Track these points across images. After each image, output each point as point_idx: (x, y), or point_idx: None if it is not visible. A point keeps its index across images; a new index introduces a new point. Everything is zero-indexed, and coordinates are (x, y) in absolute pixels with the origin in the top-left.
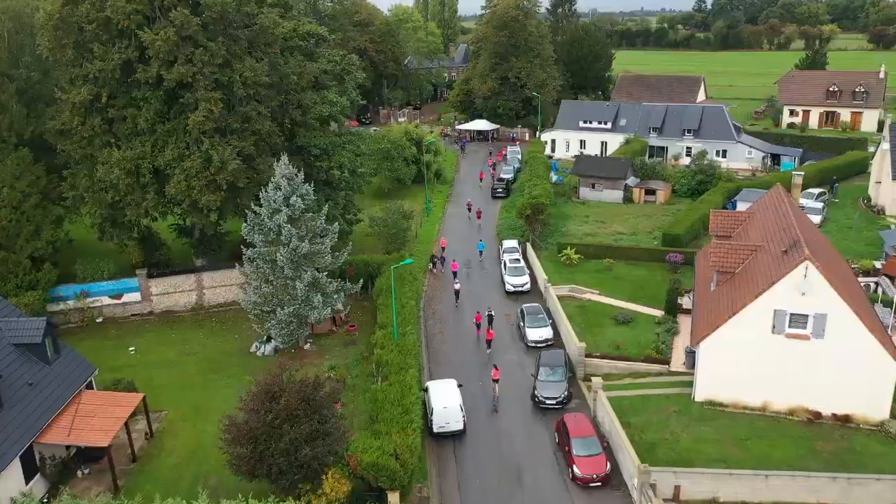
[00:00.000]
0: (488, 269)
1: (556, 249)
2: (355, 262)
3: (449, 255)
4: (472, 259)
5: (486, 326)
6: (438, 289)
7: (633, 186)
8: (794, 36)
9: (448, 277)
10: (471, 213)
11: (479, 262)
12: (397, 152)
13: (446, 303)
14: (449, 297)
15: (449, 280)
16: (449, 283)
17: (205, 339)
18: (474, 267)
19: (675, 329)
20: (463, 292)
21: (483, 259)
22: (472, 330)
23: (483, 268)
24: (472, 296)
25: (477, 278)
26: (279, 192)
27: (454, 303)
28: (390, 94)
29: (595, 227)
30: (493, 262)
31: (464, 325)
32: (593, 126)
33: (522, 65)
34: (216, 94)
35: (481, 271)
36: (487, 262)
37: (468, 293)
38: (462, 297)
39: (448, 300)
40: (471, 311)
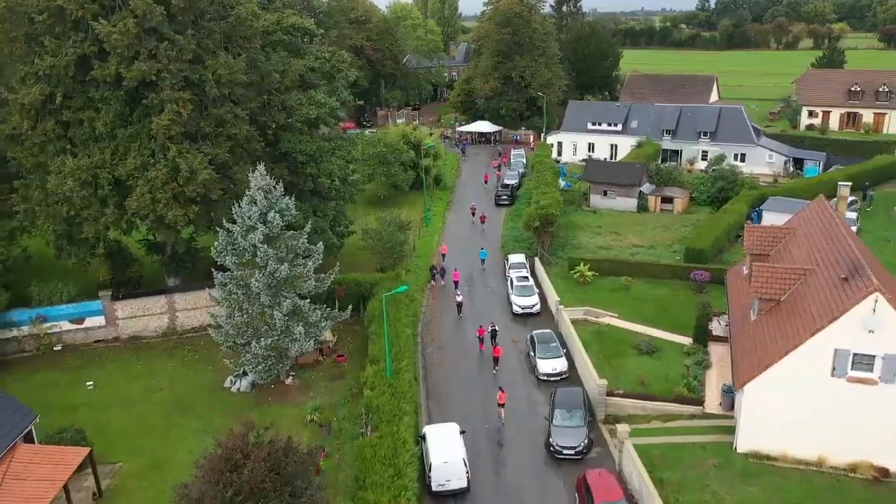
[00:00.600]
0: (490, 279)
1: (568, 265)
2: (345, 281)
3: (450, 264)
4: (473, 269)
5: (490, 342)
6: (438, 308)
7: (648, 194)
8: (802, 35)
9: (449, 292)
10: (474, 218)
11: (480, 272)
12: (394, 156)
13: (447, 325)
14: (450, 317)
15: (450, 296)
16: (450, 299)
17: (174, 372)
18: (476, 278)
19: (706, 361)
20: (465, 305)
21: (486, 268)
22: (476, 351)
23: (485, 277)
24: (474, 309)
25: (479, 292)
26: (254, 206)
27: (456, 315)
28: (388, 94)
29: (609, 239)
30: (496, 274)
31: (467, 343)
32: (602, 128)
33: (526, 63)
34: (184, 95)
35: (483, 281)
36: (490, 272)
37: (469, 308)
38: (465, 310)
39: (449, 322)
40: (474, 327)
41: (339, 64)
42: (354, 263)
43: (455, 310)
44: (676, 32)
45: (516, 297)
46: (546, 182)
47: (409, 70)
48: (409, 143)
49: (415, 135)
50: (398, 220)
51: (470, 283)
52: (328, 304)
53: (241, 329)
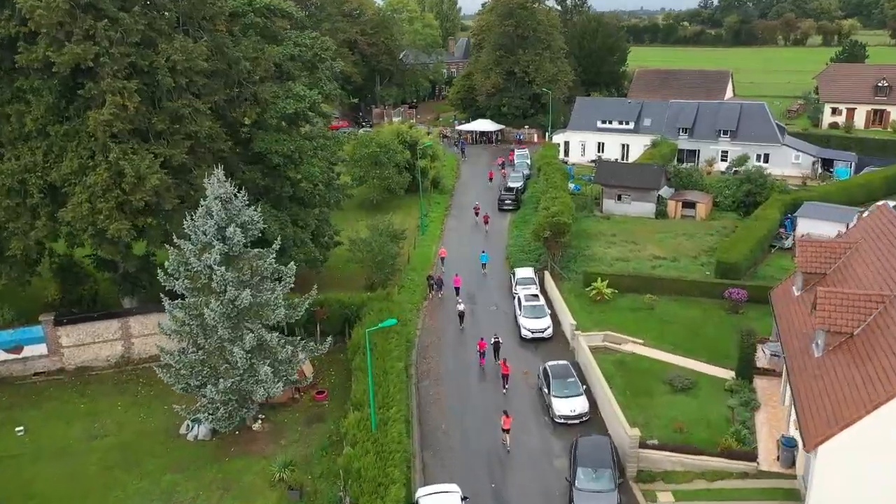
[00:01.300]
0: (493, 291)
1: (583, 281)
2: (328, 302)
3: (450, 269)
4: (474, 276)
5: (493, 356)
6: (436, 328)
7: (667, 198)
8: (810, 32)
9: (448, 306)
10: (477, 218)
11: (481, 278)
12: (387, 157)
13: (446, 348)
14: (450, 337)
15: (449, 311)
16: (449, 315)
17: (123, 412)
18: (476, 290)
19: (754, 402)
20: (467, 314)
21: (487, 273)
22: (479, 376)
23: (487, 286)
24: (476, 329)
25: (481, 310)
26: (210, 220)
27: (458, 326)
28: (384, 91)
29: (626, 249)
30: (499, 283)
31: (470, 369)
32: (613, 126)
33: (530, 58)
34: (130, 84)
35: (485, 292)
36: (493, 280)
37: (471, 327)
38: (466, 320)
39: (449, 344)
40: (477, 342)
41: (322, 52)
42: (341, 278)
43: (456, 320)
44: (681, 29)
45: (525, 318)
46: (555, 185)
47: (405, 66)
48: (405, 142)
49: (410, 134)
50: (391, 228)
51: (471, 297)
52: (307, 331)
53: (195, 368)
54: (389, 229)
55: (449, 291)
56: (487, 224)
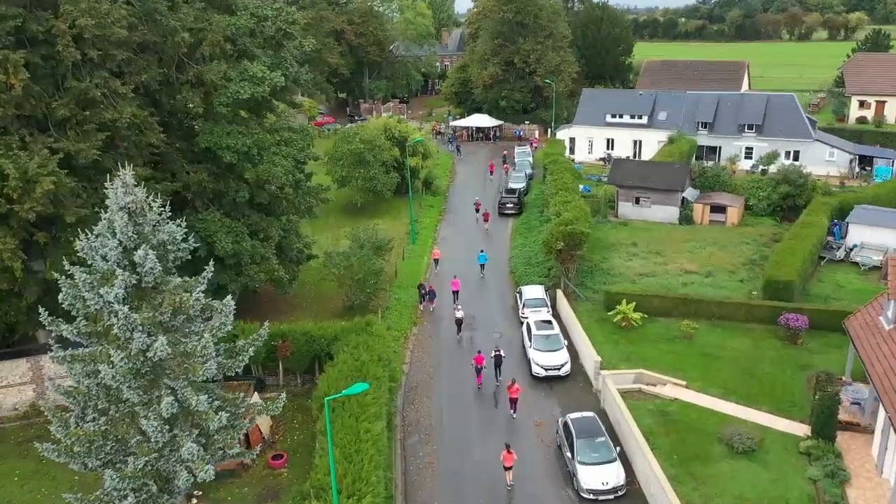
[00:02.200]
0: (494, 309)
1: (604, 302)
2: (293, 333)
3: (446, 271)
4: (471, 279)
5: (495, 375)
6: (427, 363)
7: (693, 202)
8: (816, 26)
9: (442, 333)
10: (478, 214)
11: (479, 279)
12: (373, 155)
13: (439, 386)
14: (444, 373)
15: (443, 337)
16: (444, 342)
17: (21, 484)
18: (473, 292)
19: (842, 473)
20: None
21: (485, 276)
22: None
23: (486, 293)
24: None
25: (482, 337)
26: (112, 239)
27: (455, 337)
28: (372, 84)
29: (650, 261)
30: (500, 291)
31: (469, 402)
32: (624, 121)
33: (531, 46)
34: (16, 56)
35: (483, 297)
36: (492, 287)
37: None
38: (464, 332)
39: (442, 382)
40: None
41: (287, 27)
42: (316, 298)
43: (451, 343)
44: (681, 25)
45: (537, 352)
46: (566, 187)
47: (395, 58)
48: (392, 138)
49: (399, 129)
50: (375, 237)
51: (468, 318)
52: (267, 369)
53: (94, 443)
54: (373, 239)
55: (444, 304)
56: (488, 222)
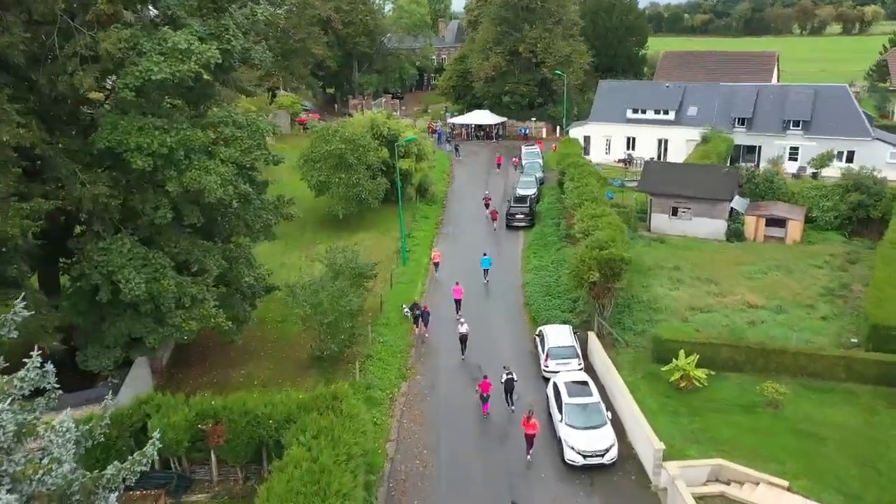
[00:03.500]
0: (499, 321)
1: (653, 351)
2: (229, 411)
3: (447, 278)
4: (474, 287)
5: (507, 402)
6: (419, 442)
7: (744, 213)
8: (829, 20)
9: (440, 386)
10: (487, 211)
11: (483, 286)
12: (357, 157)
13: (433, 486)
14: (442, 461)
15: (441, 389)
16: (441, 402)
17: None
18: (475, 307)
19: None
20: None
21: (488, 282)
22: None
23: (488, 307)
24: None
25: (489, 366)
26: None
27: (459, 356)
28: (362, 79)
29: (700, 290)
30: (507, 304)
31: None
32: (648, 117)
33: (538, 34)
34: None
35: (486, 317)
36: (498, 298)
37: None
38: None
39: (441, 478)
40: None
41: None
42: (277, 342)
43: (448, 373)
44: (687, 19)
45: (572, 429)
46: (592, 196)
47: (388, 50)
48: (381, 137)
49: (388, 126)
50: (354, 261)
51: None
52: (193, 461)
53: None
54: (352, 264)
55: (442, 330)
56: (496, 221)
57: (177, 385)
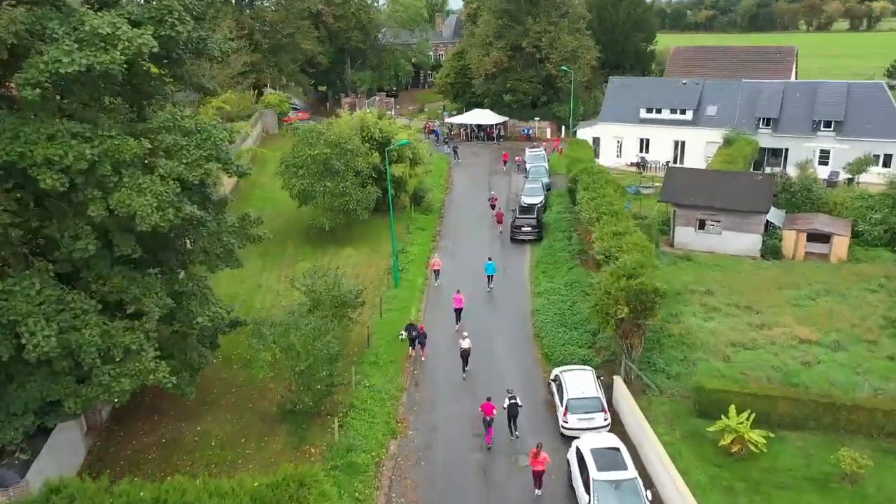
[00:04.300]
0: (503, 335)
1: (695, 403)
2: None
3: (448, 285)
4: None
5: (510, 428)
6: (413, 486)
7: (781, 227)
8: (836, 15)
9: (442, 408)
10: (493, 212)
11: (486, 295)
12: (344, 162)
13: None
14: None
15: (443, 421)
16: (440, 426)
17: None
18: (479, 319)
19: None
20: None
21: (492, 289)
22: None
23: (493, 319)
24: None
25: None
26: None
27: (461, 371)
28: (355, 75)
29: (740, 321)
30: (511, 317)
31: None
32: (663, 117)
33: (543, 27)
34: None
35: (489, 337)
36: (503, 309)
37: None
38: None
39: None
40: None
41: None
42: (242, 388)
43: (451, 381)
44: (691, 15)
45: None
46: (611, 210)
47: (382, 46)
48: (372, 140)
49: (380, 127)
50: (337, 288)
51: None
52: None
53: None
54: (333, 292)
55: (439, 356)
56: (501, 223)
57: (117, 446)
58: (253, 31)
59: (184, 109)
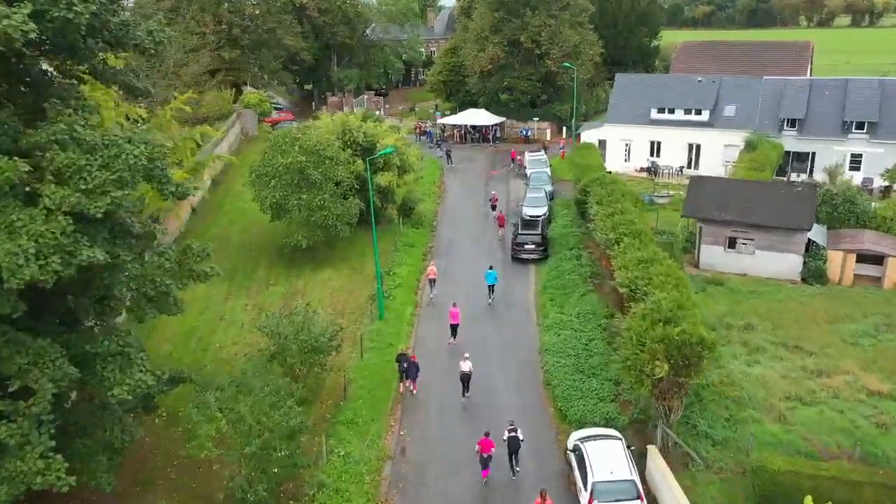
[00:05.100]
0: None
1: (754, 486)
2: None
3: (444, 298)
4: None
5: (511, 465)
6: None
7: (826, 248)
8: (838, 11)
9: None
10: (494, 213)
11: (486, 308)
12: (321, 172)
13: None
14: None
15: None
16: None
17: None
18: (477, 346)
19: None
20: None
21: (493, 300)
22: None
23: (497, 346)
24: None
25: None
26: None
27: (461, 396)
28: (341, 73)
29: (790, 365)
30: (514, 343)
31: None
32: (676, 117)
33: (543, 20)
34: None
35: (492, 353)
36: (504, 320)
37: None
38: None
39: None
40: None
41: None
42: (179, 469)
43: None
44: (688, 10)
45: None
46: (634, 230)
47: (371, 41)
48: (355, 145)
49: (365, 130)
50: (307, 329)
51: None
52: None
53: None
54: (302, 336)
55: (433, 387)
56: (503, 227)
57: None
58: (231, 25)
59: (90, 116)
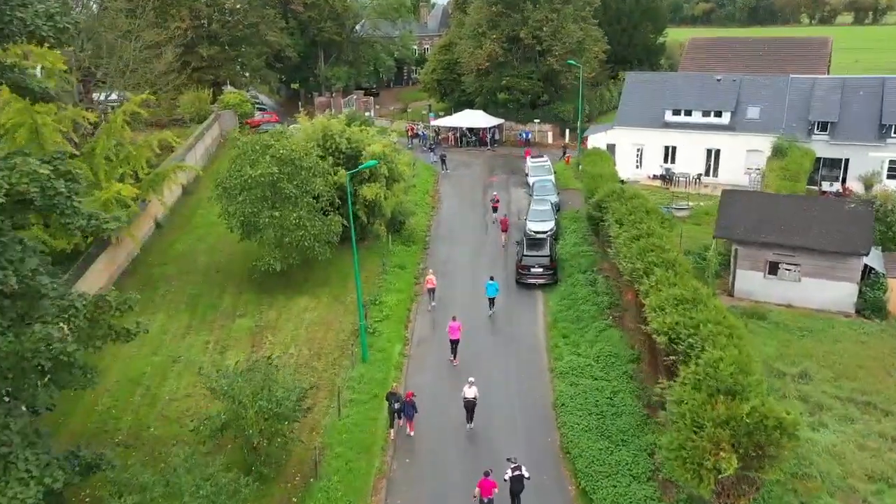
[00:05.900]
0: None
1: None
2: None
3: (444, 311)
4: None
5: None
6: None
7: (885, 274)
8: (839, 8)
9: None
10: (495, 215)
11: (486, 320)
12: (297, 184)
13: None
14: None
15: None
16: None
17: None
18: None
19: None
20: None
21: (494, 313)
22: None
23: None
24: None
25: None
26: None
27: (465, 423)
28: (329, 71)
29: (864, 428)
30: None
31: None
32: (692, 120)
33: (544, 15)
34: None
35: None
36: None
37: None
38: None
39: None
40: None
41: None
42: None
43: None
44: (688, 7)
45: None
46: (668, 259)
47: (360, 38)
48: (337, 152)
49: (348, 136)
50: (266, 393)
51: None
52: None
53: None
54: (261, 400)
55: (430, 426)
56: (506, 232)
57: None
58: (210, 20)
59: None
